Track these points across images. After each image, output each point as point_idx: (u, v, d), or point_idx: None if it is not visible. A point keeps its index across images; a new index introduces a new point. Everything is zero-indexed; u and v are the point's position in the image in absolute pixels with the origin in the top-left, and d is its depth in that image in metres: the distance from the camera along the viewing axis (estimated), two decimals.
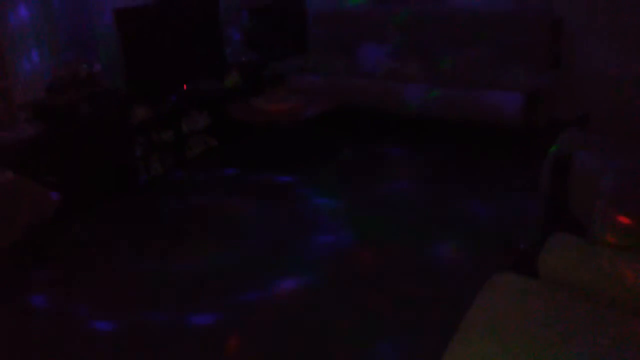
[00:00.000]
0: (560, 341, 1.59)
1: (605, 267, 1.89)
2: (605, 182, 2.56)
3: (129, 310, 2.62)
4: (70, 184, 3.31)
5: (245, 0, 5.24)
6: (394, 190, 3.74)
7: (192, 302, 2.65)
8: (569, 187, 2.87)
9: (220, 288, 2.74)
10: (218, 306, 2.60)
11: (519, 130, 3.96)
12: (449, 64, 4.46)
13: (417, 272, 2.79)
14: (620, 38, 4.17)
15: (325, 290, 2.70)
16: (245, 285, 2.75)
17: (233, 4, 5.12)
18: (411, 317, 2.45)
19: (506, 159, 4.01)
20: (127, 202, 3.74)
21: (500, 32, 4.37)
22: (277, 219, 3.41)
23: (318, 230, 3.25)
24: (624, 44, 4.16)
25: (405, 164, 4.17)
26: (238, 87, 4.62)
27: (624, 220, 2.42)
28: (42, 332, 2.51)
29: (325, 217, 3.40)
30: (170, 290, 2.76)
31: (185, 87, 4.31)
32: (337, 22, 5.18)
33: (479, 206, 3.43)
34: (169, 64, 4.20)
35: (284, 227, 3.31)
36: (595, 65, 4.32)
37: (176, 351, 2.34)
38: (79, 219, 3.43)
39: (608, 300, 1.83)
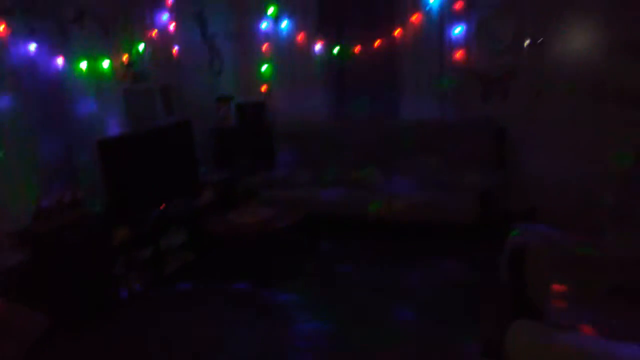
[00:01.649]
0: None
1: (564, 349, 2.10)
2: (555, 265, 2.87)
3: None
4: (55, 305, 3.39)
5: (215, 123, 5.68)
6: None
7: None
8: (525, 273, 3.14)
9: None
10: None
11: (474, 226, 4.30)
12: (406, 171, 4.88)
13: None
14: (557, 141, 4.69)
15: None
16: None
17: (204, 128, 5.54)
18: None
19: (465, 254, 4.31)
20: (106, 322, 3.79)
21: (450, 140, 4.86)
22: (255, 334, 3.49)
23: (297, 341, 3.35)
24: (561, 146, 4.68)
25: (370, 271, 4.40)
26: (212, 204, 4.88)
27: (557, 288, 2.72)
28: None
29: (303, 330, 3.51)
30: None
31: (163, 206, 4.54)
32: (299, 139, 5.62)
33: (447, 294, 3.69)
34: (147, 186, 4.46)
35: (265, 342, 3.39)
36: (537, 164, 4.80)
37: None
38: (63, 338, 3.47)
39: None
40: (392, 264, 4.36)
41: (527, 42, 4.70)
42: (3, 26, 3.77)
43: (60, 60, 4.19)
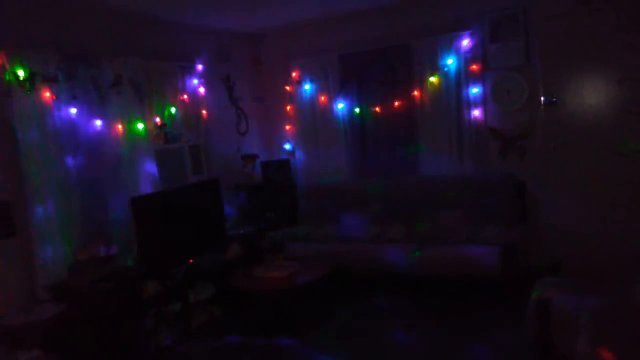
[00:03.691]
0: None
1: None
2: (583, 322, 2.90)
3: None
4: (88, 358, 3.49)
5: (241, 180, 5.89)
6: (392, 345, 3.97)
7: None
8: (552, 329, 3.17)
9: None
10: None
11: (500, 280, 4.33)
12: (428, 226, 4.97)
13: None
14: (576, 196, 4.77)
15: None
16: None
17: (231, 186, 5.74)
18: None
19: (492, 308, 4.32)
20: None
21: (472, 195, 4.97)
22: None
23: None
24: (580, 200, 4.75)
25: (400, 322, 4.43)
26: (239, 258, 5.00)
27: (606, 355, 2.73)
28: None
29: None
30: None
31: (191, 261, 4.67)
32: (323, 195, 5.77)
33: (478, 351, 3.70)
34: (177, 241, 4.61)
35: None
36: (558, 218, 4.86)
37: None
38: None
39: None
40: (409, 316, 4.40)
41: (542, 101, 4.87)
42: (48, 93, 4.05)
43: (98, 123, 4.46)
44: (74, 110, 4.26)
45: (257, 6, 5.10)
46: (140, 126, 4.76)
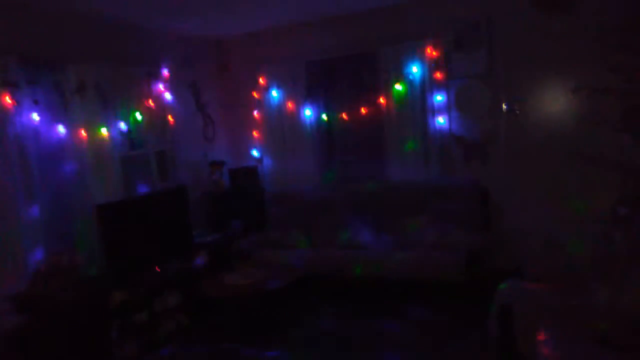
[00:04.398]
0: None
1: None
2: (544, 322, 3.00)
3: None
4: None
5: (208, 187, 5.85)
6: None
7: None
8: (514, 330, 3.25)
9: None
10: None
11: (464, 284, 4.41)
12: (393, 231, 5.04)
13: None
14: (537, 201, 4.91)
15: None
16: None
17: (198, 192, 5.70)
18: None
19: (456, 311, 4.41)
20: None
21: (435, 200, 5.07)
22: None
23: None
24: (541, 205, 4.89)
25: (368, 327, 4.48)
26: (206, 265, 4.96)
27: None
28: None
29: None
30: None
31: (158, 269, 4.61)
32: (291, 202, 5.78)
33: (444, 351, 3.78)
34: (142, 249, 4.55)
35: None
36: (520, 222, 4.99)
37: None
38: None
39: None
40: (378, 319, 4.45)
41: (504, 109, 5.01)
42: (8, 98, 3.96)
43: (62, 129, 4.37)
44: (36, 116, 4.17)
45: (223, 12, 5.09)
46: (105, 132, 4.69)
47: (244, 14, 5.27)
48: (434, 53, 5.25)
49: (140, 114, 5.18)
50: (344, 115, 5.83)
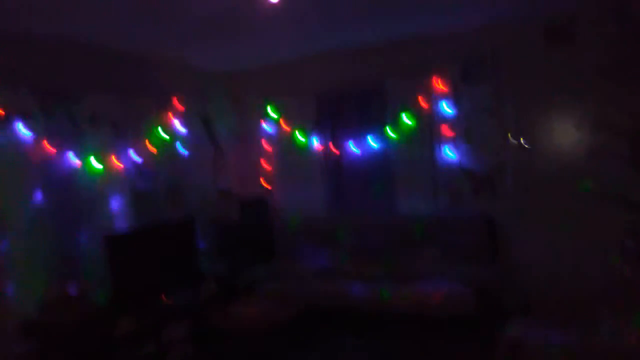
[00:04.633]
0: None
1: None
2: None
3: None
4: None
5: (218, 217, 5.89)
6: None
7: None
8: None
9: None
10: None
11: (472, 319, 4.37)
12: (401, 263, 5.03)
13: None
14: (548, 235, 4.89)
15: None
16: None
17: (206, 222, 5.74)
18: None
19: (462, 349, 4.35)
20: None
21: (443, 233, 5.06)
22: None
23: None
24: (551, 240, 4.87)
25: None
26: (214, 296, 4.96)
27: None
28: None
29: None
30: None
31: (165, 299, 4.62)
32: (299, 232, 5.79)
33: None
34: (151, 278, 4.57)
35: None
36: (528, 256, 4.96)
37: None
38: None
39: None
40: (385, 353, 4.41)
41: (512, 142, 5.03)
42: (22, 128, 4.05)
43: (73, 159, 4.45)
44: (48, 146, 4.26)
45: (234, 45, 5.20)
46: (116, 162, 4.76)
47: (255, 48, 5.38)
48: (442, 86, 5.31)
49: (152, 144, 5.26)
50: (353, 147, 5.88)
